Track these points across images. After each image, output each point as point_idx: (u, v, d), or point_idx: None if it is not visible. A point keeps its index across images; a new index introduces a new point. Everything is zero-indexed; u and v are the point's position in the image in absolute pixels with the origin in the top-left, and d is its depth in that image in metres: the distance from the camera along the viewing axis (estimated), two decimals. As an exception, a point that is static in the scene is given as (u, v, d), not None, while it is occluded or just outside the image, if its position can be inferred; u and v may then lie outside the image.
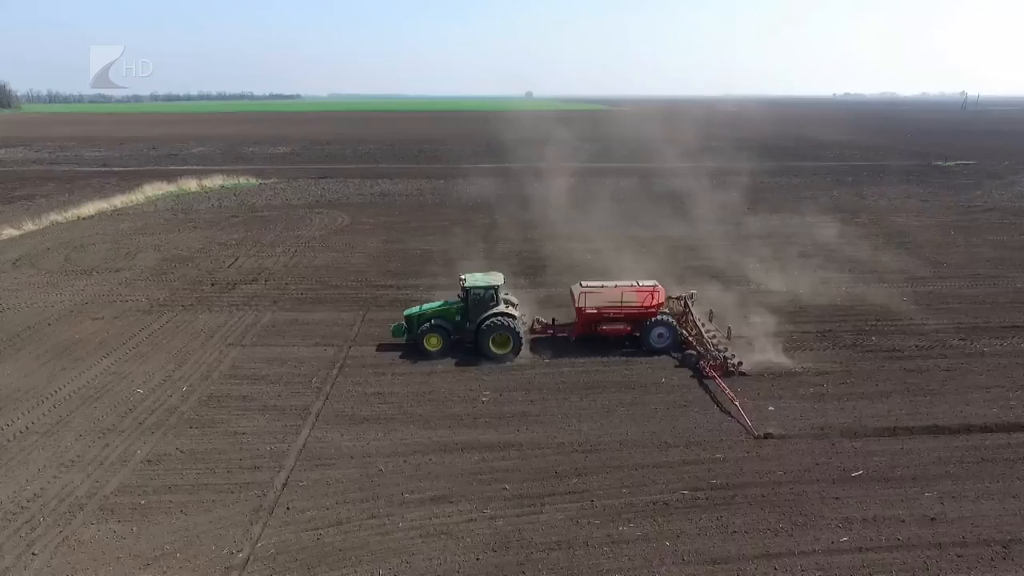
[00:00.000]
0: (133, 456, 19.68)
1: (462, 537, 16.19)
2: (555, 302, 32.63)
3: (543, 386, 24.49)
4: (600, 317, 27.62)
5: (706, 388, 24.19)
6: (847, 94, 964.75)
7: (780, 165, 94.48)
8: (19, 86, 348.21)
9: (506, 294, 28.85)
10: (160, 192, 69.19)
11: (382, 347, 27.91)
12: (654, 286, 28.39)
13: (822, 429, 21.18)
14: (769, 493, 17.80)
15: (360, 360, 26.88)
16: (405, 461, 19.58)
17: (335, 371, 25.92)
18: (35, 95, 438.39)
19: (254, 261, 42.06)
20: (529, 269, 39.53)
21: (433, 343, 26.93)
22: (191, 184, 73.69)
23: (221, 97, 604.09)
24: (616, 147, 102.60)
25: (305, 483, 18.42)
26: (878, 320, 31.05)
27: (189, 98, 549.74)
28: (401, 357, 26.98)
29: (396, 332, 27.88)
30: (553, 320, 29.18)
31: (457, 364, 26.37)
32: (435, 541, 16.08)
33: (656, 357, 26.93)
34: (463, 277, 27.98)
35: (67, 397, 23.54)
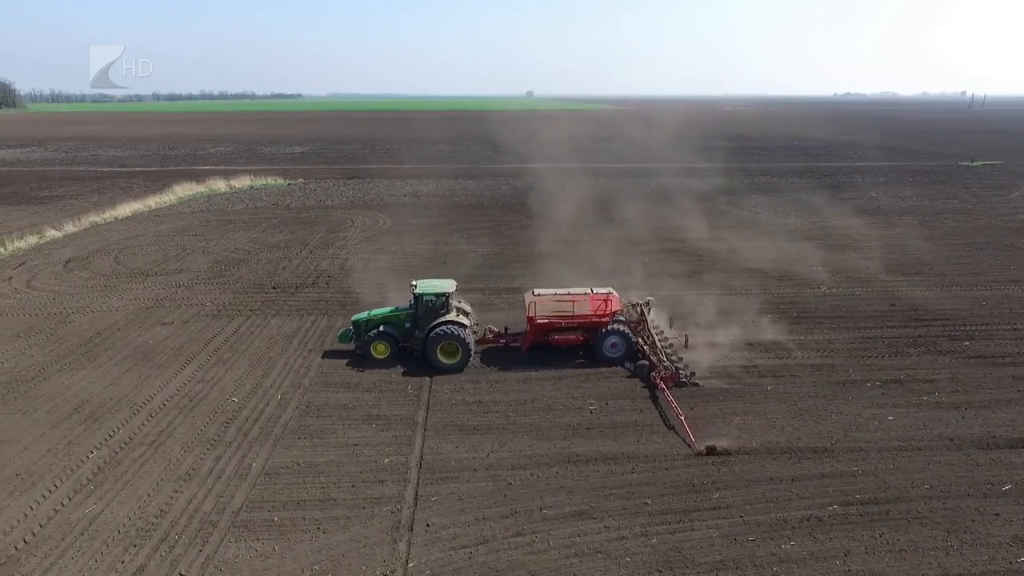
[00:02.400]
0: (249, 469, 19.01)
1: (620, 556, 15.55)
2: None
3: (648, 394, 23.83)
4: (552, 326, 26.56)
5: (820, 395, 23.54)
6: (847, 94, 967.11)
7: (807, 166, 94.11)
8: (22, 86, 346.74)
9: (459, 301, 27.93)
10: (190, 192, 68.50)
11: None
12: (608, 294, 27.30)
13: (951, 440, 20.56)
14: (922, 508, 17.18)
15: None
16: (532, 474, 18.93)
17: (427, 378, 25.24)
18: (38, 94, 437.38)
19: (308, 263, 41.39)
20: (591, 273, 38.81)
21: (380, 350, 26.06)
22: (219, 184, 73.03)
23: (223, 96, 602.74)
24: (639, 148, 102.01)
25: (436, 498, 17.77)
26: (965, 325, 30.44)
27: (191, 97, 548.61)
28: (488, 363, 26.33)
29: (343, 338, 27.04)
30: (505, 329, 28.02)
31: (549, 371, 25.71)
32: (592, 560, 15.44)
33: (758, 363, 26.25)
34: (414, 283, 26.98)
35: (161, 406, 22.87)
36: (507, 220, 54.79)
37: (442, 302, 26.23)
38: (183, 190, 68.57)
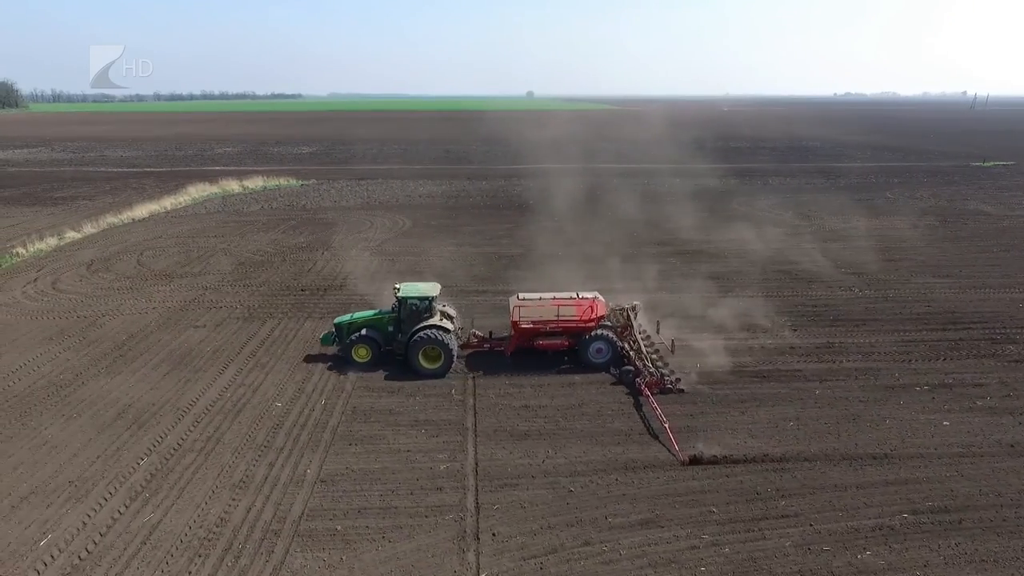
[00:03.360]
0: (304, 476, 18.73)
1: (694, 566, 15.29)
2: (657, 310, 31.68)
3: (696, 398, 23.57)
4: (536, 331, 26.23)
5: (870, 399, 23.27)
6: (848, 94, 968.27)
7: (818, 167, 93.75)
8: (23, 85, 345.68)
9: (443, 305, 27.57)
10: (204, 193, 68.16)
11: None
12: (594, 298, 26.91)
13: (1012, 446, 20.31)
14: (995, 517, 16.93)
15: (488, 369, 25.89)
16: (591, 481, 18.66)
17: (469, 382, 24.99)
18: (39, 94, 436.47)
19: (333, 265, 41.09)
20: (616, 275, 38.53)
21: (361, 354, 25.71)
22: (233, 185, 72.71)
23: (224, 97, 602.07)
24: (647, 148, 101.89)
25: (498, 506, 17.49)
26: (1006, 328, 30.19)
27: (192, 97, 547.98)
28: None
29: (325, 341, 26.74)
30: (490, 333, 27.61)
31: (593, 375, 25.43)
32: (666, 570, 15.18)
33: (802, 367, 25.98)
34: (397, 286, 26.60)
35: (206, 411, 22.59)
36: (525, 221, 54.47)
37: (426, 306, 25.85)
38: (197, 191, 68.21)
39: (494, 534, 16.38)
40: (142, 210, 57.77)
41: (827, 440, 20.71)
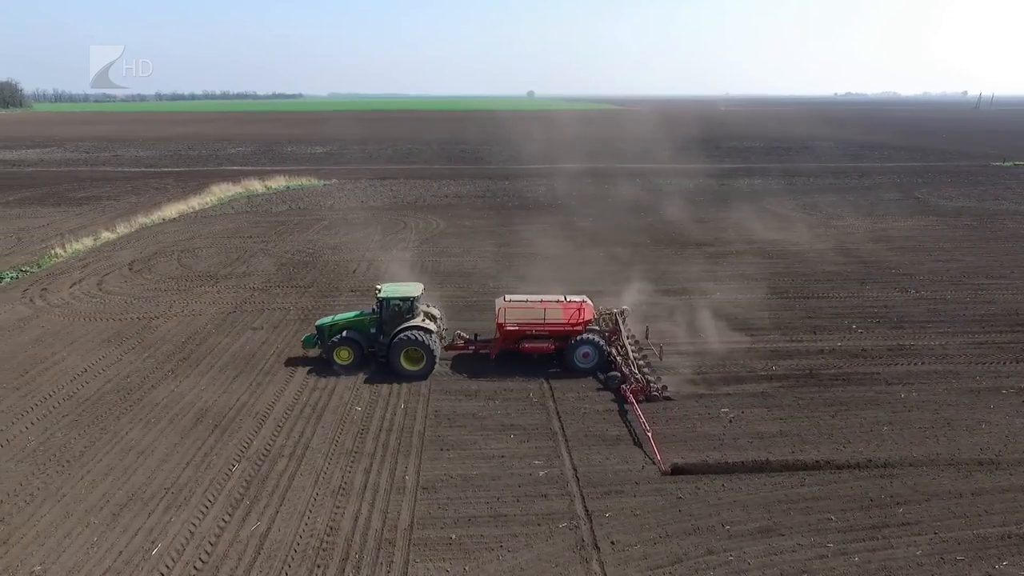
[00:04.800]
0: (404, 483, 18.31)
1: (827, 576, 14.84)
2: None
3: (782, 402, 23.18)
4: (522, 334, 25.76)
5: (959, 403, 22.87)
6: (848, 94, 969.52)
7: (840, 167, 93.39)
8: (25, 85, 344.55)
9: (428, 305, 27.18)
10: (229, 193, 67.68)
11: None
12: (582, 301, 26.35)
13: (1118, 451, 19.87)
14: (1124, 525, 16.49)
15: (554, 373, 25.45)
16: (697, 488, 18.24)
17: (545, 385, 24.59)
18: (42, 94, 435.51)
19: (377, 266, 40.66)
20: (670, 278, 38.21)
21: (343, 357, 25.26)
22: (256, 185, 72.21)
23: (225, 96, 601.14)
24: (660, 147, 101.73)
25: (609, 513, 17.07)
26: (1076, 330, 29.80)
27: (194, 97, 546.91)
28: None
29: (307, 343, 26.27)
30: (475, 335, 27.11)
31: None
32: (801, 581, 14.73)
33: (880, 370, 25.59)
34: (378, 287, 26.20)
35: (285, 415, 22.17)
36: (559, 222, 54.07)
37: (408, 306, 25.43)
38: (221, 191, 67.72)
39: (613, 543, 15.97)
40: (171, 210, 57.29)
41: (928, 445, 20.31)
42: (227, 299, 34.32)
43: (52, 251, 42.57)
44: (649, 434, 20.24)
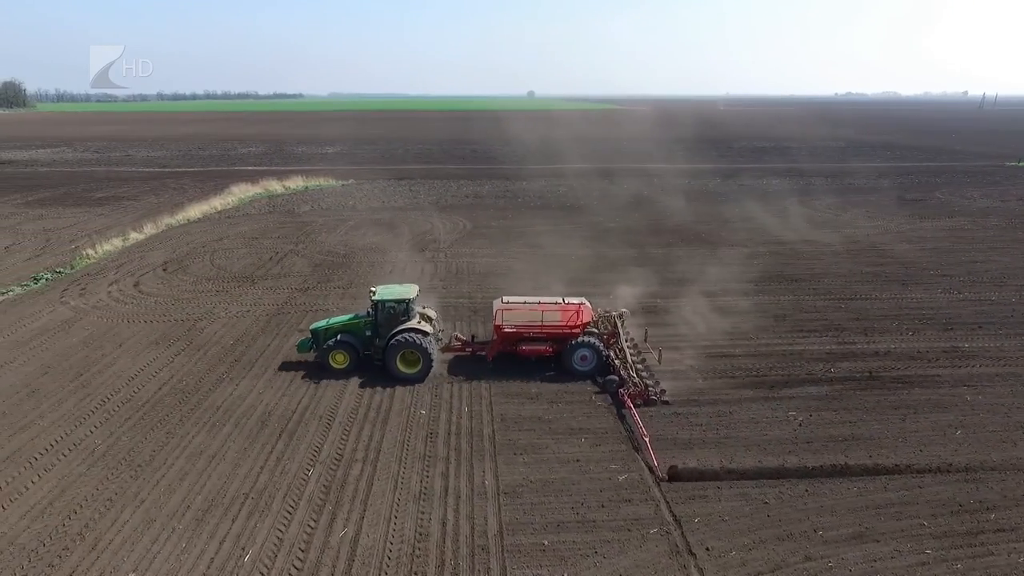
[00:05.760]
0: (484, 487, 18.09)
1: (935, 584, 14.63)
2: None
3: (849, 405, 22.97)
4: (520, 336, 25.38)
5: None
6: (848, 93, 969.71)
7: (855, 167, 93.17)
8: (27, 85, 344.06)
9: (424, 307, 26.87)
10: (249, 194, 67.46)
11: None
12: (580, 304, 26.02)
13: None
14: None
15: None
16: (780, 492, 18.04)
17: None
18: (43, 94, 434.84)
19: (413, 267, 40.43)
20: (705, 278, 37.97)
21: (339, 360, 24.98)
22: (275, 185, 72.01)
23: (226, 96, 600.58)
24: (670, 147, 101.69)
25: (698, 519, 16.86)
26: None
27: (195, 97, 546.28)
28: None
29: (302, 347, 25.93)
30: (473, 337, 26.87)
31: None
32: (907, 588, 14.51)
33: (939, 372, 25.39)
34: (373, 289, 25.88)
35: (350, 418, 21.98)
36: (585, 222, 53.96)
37: (403, 308, 25.09)
38: (241, 191, 67.48)
39: (708, 548, 15.76)
40: (194, 211, 57.06)
41: (1005, 449, 20.12)
42: (267, 301, 34.08)
43: (83, 252, 42.32)
44: (647, 439, 19.83)
